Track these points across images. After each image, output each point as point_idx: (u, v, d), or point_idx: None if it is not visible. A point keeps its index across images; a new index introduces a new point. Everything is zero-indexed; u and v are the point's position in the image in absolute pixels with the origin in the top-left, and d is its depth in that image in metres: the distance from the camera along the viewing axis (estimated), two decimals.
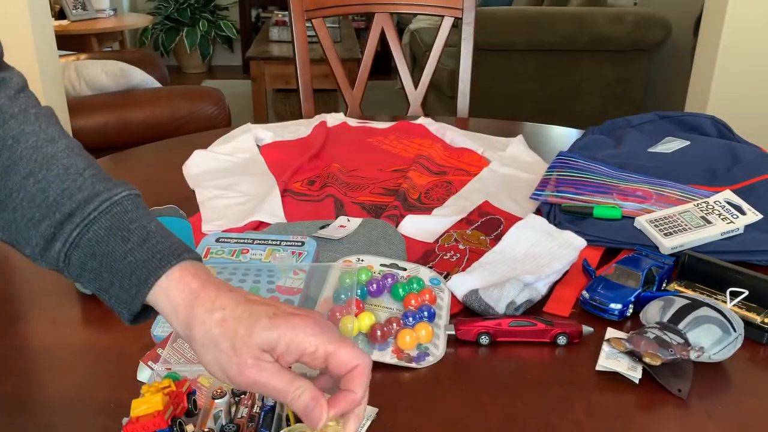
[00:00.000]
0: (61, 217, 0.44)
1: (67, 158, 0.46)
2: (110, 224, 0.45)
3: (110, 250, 0.44)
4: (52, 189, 0.45)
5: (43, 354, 0.60)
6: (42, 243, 0.45)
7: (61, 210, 0.45)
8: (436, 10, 1.41)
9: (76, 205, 0.45)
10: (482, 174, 0.98)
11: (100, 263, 0.44)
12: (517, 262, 0.70)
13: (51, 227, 0.44)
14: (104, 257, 0.44)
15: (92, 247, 0.44)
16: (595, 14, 2.81)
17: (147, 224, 0.45)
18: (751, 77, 1.86)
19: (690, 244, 0.74)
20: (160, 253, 0.44)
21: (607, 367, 0.57)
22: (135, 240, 0.44)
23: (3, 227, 0.46)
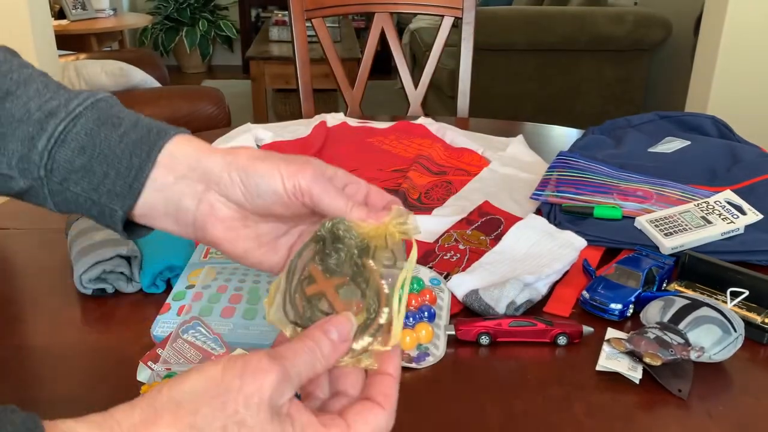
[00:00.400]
0: (42, 115, 0.41)
1: (44, 77, 0.44)
2: (98, 116, 0.42)
3: (102, 139, 0.41)
4: (33, 102, 0.42)
5: (42, 354, 0.60)
6: (20, 148, 0.41)
7: (43, 109, 0.41)
8: (436, 10, 1.41)
9: (58, 103, 0.42)
10: (482, 174, 0.98)
11: (90, 157, 0.41)
12: (517, 262, 0.70)
13: (30, 127, 0.41)
14: (95, 148, 0.41)
15: (80, 141, 0.41)
16: (595, 14, 2.81)
17: (135, 114, 0.43)
18: (752, 77, 1.86)
19: (690, 244, 0.74)
20: (157, 128, 0.42)
21: (607, 368, 0.57)
22: (127, 124, 0.42)
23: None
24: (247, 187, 0.40)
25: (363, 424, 0.35)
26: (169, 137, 0.42)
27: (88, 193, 0.42)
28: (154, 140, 0.41)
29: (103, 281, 0.67)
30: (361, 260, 0.39)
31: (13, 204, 0.90)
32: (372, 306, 0.38)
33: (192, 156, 0.41)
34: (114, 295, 0.67)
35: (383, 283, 0.38)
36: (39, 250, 0.78)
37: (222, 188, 0.41)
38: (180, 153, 0.41)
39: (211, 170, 0.41)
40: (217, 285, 0.65)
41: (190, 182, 0.41)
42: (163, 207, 0.42)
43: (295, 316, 0.39)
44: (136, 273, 0.68)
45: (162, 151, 0.41)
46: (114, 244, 0.67)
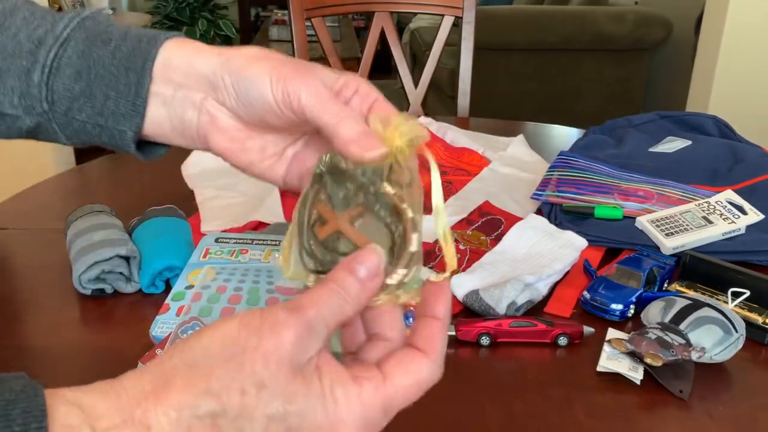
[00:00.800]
0: (32, 46, 0.39)
1: (30, 5, 0.42)
2: (87, 35, 0.40)
3: (95, 59, 0.39)
4: (22, 33, 0.40)
5: (42, 354, 0.60)
6: (19, 84, 0.39)
7: (32, 39, 0.39)
8: (436, 9, 1.41)
9: (45, 31, 0.40)
10: (483, 174, 0.98)
11: (87, 80, 0.39)
12: (517, 263, 0.70)
13: (23, 60, 0.39)
14: (91, 69, 0.39)
15: (75, 65, 0.39)
16: (595, 13, 2.81)
17: (124, 26, 0.41)
18: (753, 77, 1.86)
19: (691, 244, 0.74)
20: (147, 36, 0.39)
21: (608, 368, 0.57)
22: (117, 38, 0.39)
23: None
24: (237, 93, 0.37)
25: (403, 374, 0.31)
26: (160, 43, 0.39)
27: (94, 118, 0.40)
28: (146, 50, 0.39)
29: (102, 281, 0.67)
30: (374, 187, 0.33)
31: (12, 204, 0.90)
32: (397, 233, 0.33)
33: (185, 60, 0.38)
34: (113, 296, 0.67)
35: (405, 207, 0.33)
36: (38, 250, 0.78)
37: (218, 95, 0.38)
38: (174, 59, 0.39)
39: (204, 74, 0.38)
40: (216, 285, 0.65)
41: (188, 91, 0.39)
42: (169, 123, 0.40)
43: (315, 264, 0.34)
44: (135, 273, 0.67)
45: (156, 60, 0.38)
46: (113, 244, 0.67)
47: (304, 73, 0.36)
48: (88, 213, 0.74)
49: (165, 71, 0.39)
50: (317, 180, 0.35)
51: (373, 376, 0.30)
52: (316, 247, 0.34)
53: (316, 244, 0.34)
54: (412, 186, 0.33)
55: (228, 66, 0.37)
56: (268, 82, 0.36)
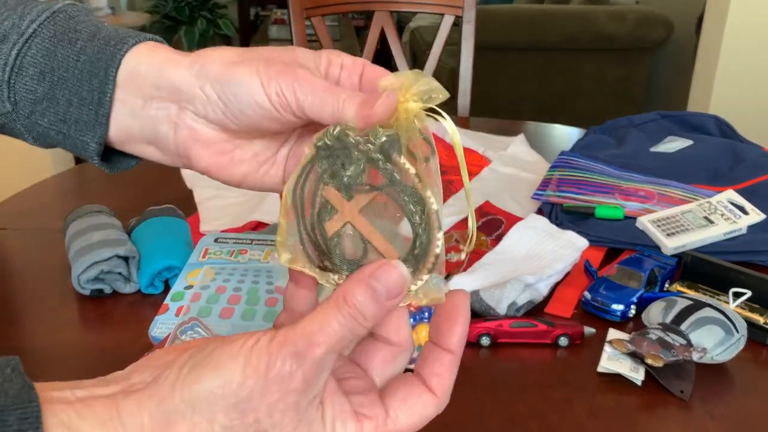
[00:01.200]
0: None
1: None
2: (54, 32, 0.36)
3: (60, 59, 0.36)
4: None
5: (41, 355, 0.60)
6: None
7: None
8: (436, 9, 1.40)
9: (12, 24, 0.36)
10: (483, 174, 0.97)
11: (51, 82, 0.36)
12: (518, 263, 0.70)
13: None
14: (54, 72, 0.36)
15: (39, 65, 0.36)
16: (596, 12, 2.81)
17: (96, 23, 0.37)
18: (754, 76, 1.86)
19: (692, 244, 0.74)
20: (116, 38, 0.35)
21: (609, 369, 0.57)
22: (84, 37, 0.36)
23: None
24: (225, 102, 0.33)
25: (407, 415, 0.30)
26: (128, 48, 0.35)
27: (57, 125, 0.37)
28: (112, 54, 0.35)
29: (101, 281, 0.67)
30: (390, 163, 0.29)
31: (12, 204, 0.90)
32: (420, 228, 0.29)
33: (155, 70, 0.35)
34: (112, 296, 0.67)
35: (429, 196, 0.28)
36: (37, 250, 0.78)
37: (198, 107, 0.34)
38: (143, 67, 0.35)
39: (178, 86, 0.34)
40: (215, 285, 0.64)
41: (160, 103, 0.35)
42: (140, 135, 0.36)
43: (319, 257, 0.31)
44: (134, 273, 0.67)
45: (121, 66, 0.35)
46: (112, 245, 0.67)
47: (291, 68, 0.32)
48: (87, 213, 0.73)
49: (133, 80, 0.35)
50: (320, 155, 0.30)
51: (375, 415, 0.29)
52: (322, 240, 0.30)
53: (323, 238, 0.30)
54: (429, 161, 0.29)
55: (206, 74, 0.34)
56: (260, 86, 0.32)
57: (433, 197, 0.29)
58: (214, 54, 0.34)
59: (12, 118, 0.37)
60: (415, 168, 0.29)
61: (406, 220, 0.29)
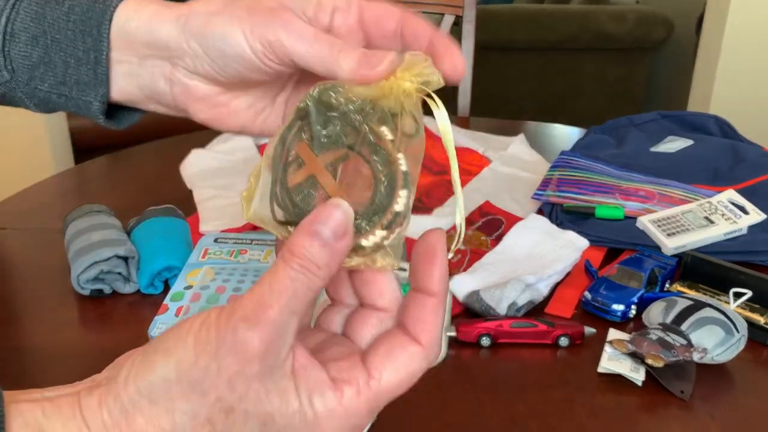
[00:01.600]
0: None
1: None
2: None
3: (50, 22, 0.35)
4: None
5: (41, 355, 0.60)
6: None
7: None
8: (436, 8, 1.40)
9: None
10: (483, 174, 0.97)
11: (44, 46, 0.36)
12: (518, 263, 0.70)
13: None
14: (47, 34, 0.35)
15: (30, 30, 0.36)
16: (596, 12, 2.81)
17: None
18: (755, 76, 1.86)
19: (693, 244, 0.74)
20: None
21: (609, 369, 0.57)
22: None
23: None
24: (211, 57, 0.33)
25: (392, 371, 0.27)
26: (117, 2, 0.35)
27: (58, 88, 0.37)
28: (102, 10, 0.35)
29: (101, 282, 0.66)
30: (368, 126, 0.28)
31: (12, 204, 0.90)
32: (382, 185, 0.28)
33: (144, 27, 0.34)
34: (111, 296, 0.67)
35: (399, 157, 0.28)
36: (37, 250, 0.77)
37: (188, 63, 0.34)
38: (132, 24, 0.35)
39: (167, 42, 0.34)
40: (215, 285, 0.64)
41: (154, 61, 0.35)
42: (140, 92, 0.37)
43: (285, 214, 0.29)
44: (133, 273, 0.67)
45: (112, 24, 0.35)
46: (111, 245, 0.67)
47: (277, 14, 0.31)
48: (87, 213, 0.73)
49: (125, 39, 0.35)
50: (300, 116, 0.29)
51: (354, 378, 0.27)
52: (284, 193, 0.29)
53: (285, 190, 0.29)
54: (413, 138, 0.28)
55: (189, 28, 0.33)
56: (242, 37, 0.31)
57: (404, 161, 0.28)
58: (200, 5, 0.33)
59: (11, 86, 0.37)
60: (393, 136, 0.28)
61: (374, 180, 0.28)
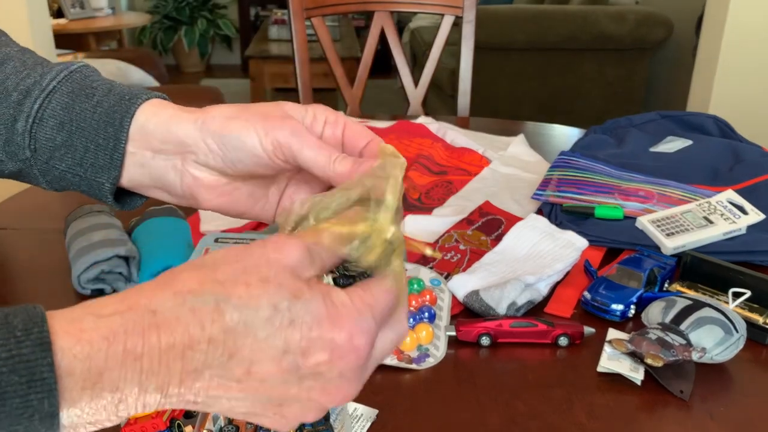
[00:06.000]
0: (19, 96, 0.41)
1: (22, 55, 0.44)
2: (72, 89, 0.42)
3: (78, 112, 0.41)
4: (10, 81, 0.42)
5: None
6: (3, 131, 0.41)
7: (20, 89, 0.41)
8: (436, 9, 1.40)
9: (33, 81, 0.42)
10: (483, 174, 0.97)
11: (69, 132, 0.41)
12: (518, 263, 0.70)
13: (10, 109, 0.41)
14: (73, 123, 0.41)
15: (58, 117, 0.41)
16: (596, 13, 2.81)
17: (109, 82, 0.43)
18: (754, 76, 1.86)
19: (692, 244, 0.74)
20: (129, 94, 0.41)
21: (608, 369, 0.57)
22: (100, 93, 0.42)
23: None
24: (224, 153, 0.39)
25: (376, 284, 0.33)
26: (140, 102, 0.41)
27: (74, 168, 0.42)
28: (126, 107, 0.40)
29: (102, 281, 0.67)
30: None
31: (12, 204, 0.90)
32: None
33: (162, 126, 0.40)
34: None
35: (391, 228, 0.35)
36: (37, 250, 0.78)
37: (200, 157, 0.40)
38: (151, 124, 0.40)
39: (183, 139, 0.39)
40: None
41: (167, 156, 0.41)
42: (149, 181, 0.42)
43: None
44: (134, 273, 0.67)
45: (133, 120, 0.40)
46: (112, 245, 0.67)
47: (287, 123, 0.38)
48: (88, 213, 0.73)
49: (142, 135, 0.40)
50: None
51: (355, 290, 0.32)
52: None
53: None
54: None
55: (208, 128, 0.39)
56: (256, 137, 0.38)
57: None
58: (215, 111, 0.39)
59: (30, 164, 0.42)
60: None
61: None
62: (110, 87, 0.42)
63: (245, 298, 0.29)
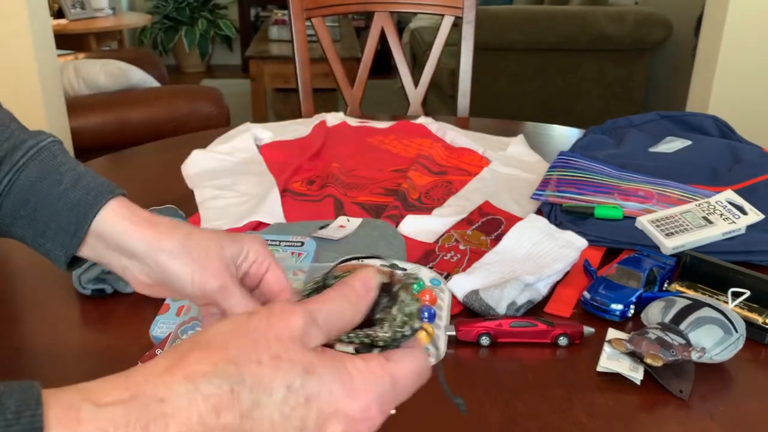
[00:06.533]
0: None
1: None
2: (40, 168, 0.46)
3: (44, 194, 0.46)
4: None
5: (42, 355, 0.60)
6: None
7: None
8: (436, 9, 1.41)
9: (4, 154, 0.46)
10: (483, 174, 0.98)
11: (34, 208, 0.46)
12: (517, 263, 0.70)
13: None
14: (38, 202, 0.46)
15: (24, 194, 0.46)
16: (596, 13, 2.81)
17: (75, 167, 0.48)
18: (753, 77, 1.86)
19: (691, 244, 0.74)
20: (95, 190, 0.46)
21: (608, 368, 0.57)
22: (67, 182, 0.46)
23: None
24: (162, 279, 0.45)
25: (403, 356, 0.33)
26: (104, 202, 0.45)
27: (35, 238, 0.47)
28: (88, 207, 0.45)
29: (102, 281, 0.67)
30: None
31: None
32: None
33: (117, 236, 0.45)
34: (113, 296, 0.67)
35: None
36: None
37: (143, 267, 0.45)
38: (110, 229, 0.45)
39: (134, 252, 0.45)
40: None
41: (117, 255, 0.46)
42: (98, 260, 0.48)
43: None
44: None
45: (93, 223, 0.45)
46: None
47: (219, 273, 0.43)
48: None
49: (98, 235, 0.46)
50: None
51: (374, 356, 0.32)
52: None
53: None
54: None
55: (154, 259, 0.44)
56: (190, 284, 0.43)
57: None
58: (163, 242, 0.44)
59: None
60: None
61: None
62: (77, 178, 0.46)
63: (258, 378, 0.28)
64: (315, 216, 0.85)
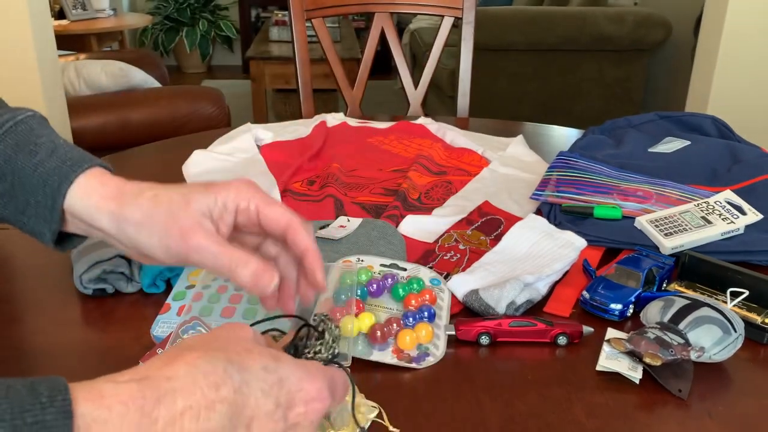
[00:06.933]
0: None
1: None
2: (16, 141, 0.44)
3: (20, 167, 0.44)
4: None
5: (42, 355, 0.60)
6: None
7: None
8: (436, 10, 1.41)
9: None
10: (482, 174, 0.98)
11: (11, 183, 0.44)
12: (517, 262, 0.70)
13: None
14: (14, 175, 0.44)
15: (0, 168, 0.44)
16: (595, 14, 2.81)
17: (54, 138, 0.45)
18: (752, 77, 1.86)
19: (690, 244, 0.74)
20: (71, 160, 0.44)
21: (607, 368, 0.57)
22: (43, 152, 0.44)
23: None
24: (136, 250, 0.44)
25: None
26: (79, 172, 0.43)
27: (17, 216, 0.46)
28: (66, 174, 0.43)
29: (103, 281, 0.67)
30: None
31: None
32: None
33: (86, 213, 0.44)
34: (114, 295, 0.67)
35: None
36: (39, 250, 0.77)
37: (116, 244, 0.45)
38: (79, 206, 0.44)
39: (101, 228, 0.44)
40: (217, 285, 0.65)
41: (90, 230, 0.45)
42: (89, 236, 0.46)
43: None
44: (136, 273, 0.68)
45: (66, 200, 0.43)
46: None
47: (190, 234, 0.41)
48: None
49: (72, 212, 0.44)
50: None
51: None
52: None
53: None
54: None
55: (122, 232, 0.43)
56: (159, 253, 0.42)
57: None
58: (131, 210, 0.42)
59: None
60: None
61: None
62: (53, 148, 0.44)
63: (241, 362, 0.33)
64: (315, 216, 0.85)
